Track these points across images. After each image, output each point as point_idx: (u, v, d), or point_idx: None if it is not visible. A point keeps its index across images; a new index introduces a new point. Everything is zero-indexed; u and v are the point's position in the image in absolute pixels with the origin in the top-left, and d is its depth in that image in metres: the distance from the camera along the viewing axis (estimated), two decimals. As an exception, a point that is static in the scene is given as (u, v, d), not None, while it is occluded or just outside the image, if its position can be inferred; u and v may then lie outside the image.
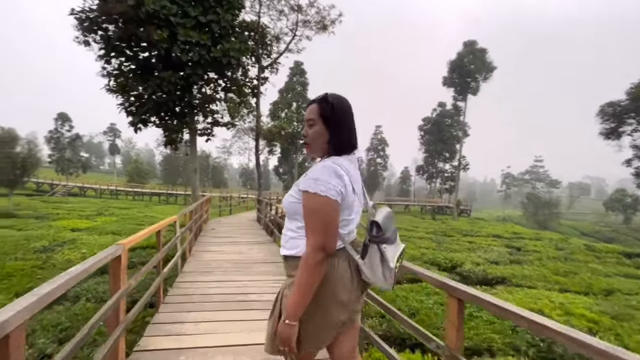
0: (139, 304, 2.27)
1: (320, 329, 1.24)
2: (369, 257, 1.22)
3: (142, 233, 2.39)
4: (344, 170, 1.19)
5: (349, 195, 1.20)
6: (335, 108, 1.25)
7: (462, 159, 29.77)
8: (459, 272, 9.48)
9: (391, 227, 1.28)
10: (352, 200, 1.22)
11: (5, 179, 15.14)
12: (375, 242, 1.21)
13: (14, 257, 8.31)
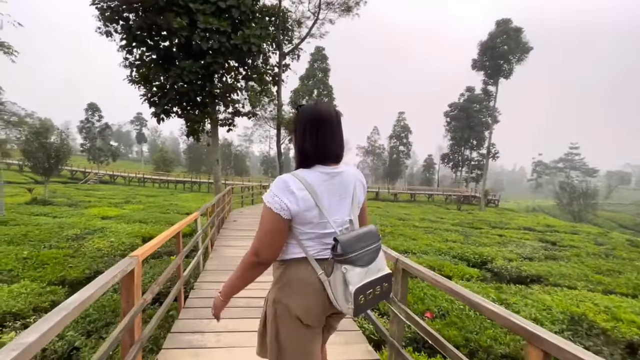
0: (156, 318, 2.09)
1: (293, 330, 1.27)
2: (333, 275, 1.17)
3: (158, 240, 2.19)
4: (303, 185, 1.18)
5: (305, 211, 1.18)
6: (300, 117, 1.28)
7: (491, 147, 28.18)
8: (490, 269, 8.96)
9: (360, 249, 1.19)
10: (313, 215, 1.20)
11: (41, 167, 15.85)
12: (337, 262, 1.16)
13: (49, 245, 8.65)
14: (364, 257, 1.19)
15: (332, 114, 1.28)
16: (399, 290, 2.02)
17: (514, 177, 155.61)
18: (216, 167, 9.80)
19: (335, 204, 1.25)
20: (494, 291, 6.81)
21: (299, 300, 1.23)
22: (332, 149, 1.27)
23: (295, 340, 1.27)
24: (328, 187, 1.23)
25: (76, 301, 1.23)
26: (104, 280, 1.48)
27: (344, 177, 1.28)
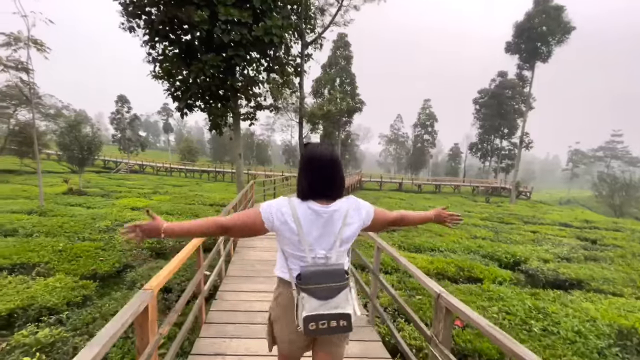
0: (173, 349, 1.96)
1: (279, 335, 1.51)
2: (300, 297, 1.33)
3: (176, 263, 2.04)
4: (289, 209, 1.38)
5: (287, 232, 1.37)
6: (302, 156, 1.47)
7: (524, 136, 26.46)
8: (523, 271, 8.44)
9: (321, 283, 1.32)
10: (294, 240, 1.38)
11: (75, 159, 16.60)
12: (298, 288, 1.33)
13: (82, 237, 9.02)
14: (322, 292, 1.31)
15: (328, 158, 1.42)
16: (440, 331, 1.77)
17: (547, 166, 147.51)
18: (238, 162, 9.76)
19: (316, 238, 1.39)
20: (530, 298, 6.38)
21: (279, 310, 1.48)
22: (321, 190, 1.41)
23: (281, 342, 1.52)
24: (313, 223, 1.38)
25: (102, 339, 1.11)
26: (121, 320, 1.33)
27: (333, 216, 1.40)
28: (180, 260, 2.07)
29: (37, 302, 5.17)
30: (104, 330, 1.25)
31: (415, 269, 2.04)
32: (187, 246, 2.44)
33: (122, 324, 1.34)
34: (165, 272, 1.85)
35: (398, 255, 2.36)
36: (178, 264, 2.04)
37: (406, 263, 2.20)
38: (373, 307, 2.86)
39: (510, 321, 5.28)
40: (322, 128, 22.17)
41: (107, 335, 1.23)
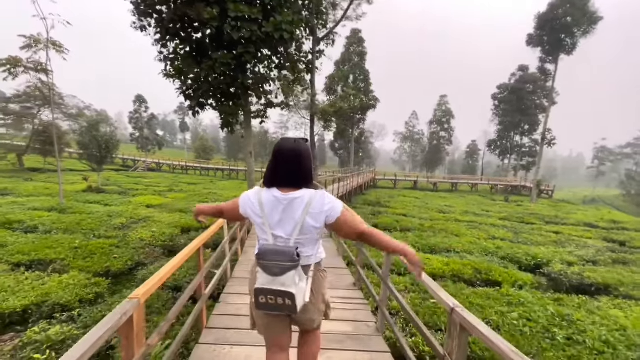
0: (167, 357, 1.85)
1: (254, 314, 1.73)
2: (256, 270, 1.59)
3: (170, 267, 1.93)
4: (257, 197, 1.62)
5: (249, 213, 1.65)
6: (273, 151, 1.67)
7: (547, 132, 25.33)
8: (545, 274, 8.01)
9: (271, 260, 1.50)
10: (259, 222, 1.61)
11: (94, 157, 17.05)
12: (257, 261, 1.58)
13: (98, 234, 9.20)
14: (272, 268, 1.49)
15: (291, 152, 1.57)
16: (454, 350, 1.57)
17: (570, 164, 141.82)
18: (249, 160, 9.70)
19: (277, 221, 1.56)
20: (553, 303, 6.02)
21: (249, 284, 1.70)
22: (284, 179, 1.57)
23: (258, 326, 1.77)
24: (275, 208, 1.56)
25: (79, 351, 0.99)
26: (100, 331, 1.21)
27: (293, 203, 1.55)
28: (174, 266, 1.95)
29: (51, 299, 5.25)
30: (73, 350, 1.13)
31: (427, 279, 1.85)
32: (186, 249, 2.33)
33: (98, 339, 1.22)
34: (155, 279, 1.74)
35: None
36: (172, 270, 1.92)
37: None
38: (382, 314, 2.68)
39: (531, 328, 4.99)
40: (335, 125, 21.84)
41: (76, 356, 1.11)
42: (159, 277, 1.77)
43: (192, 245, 2.42)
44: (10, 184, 18.78)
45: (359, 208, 16.17)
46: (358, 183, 21.78)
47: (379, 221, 12.47)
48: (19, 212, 11.19)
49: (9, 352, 4.20)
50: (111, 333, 1.31)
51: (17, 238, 8.37)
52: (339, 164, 47.26)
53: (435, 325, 4.97)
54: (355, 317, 2.92)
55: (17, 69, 11.52)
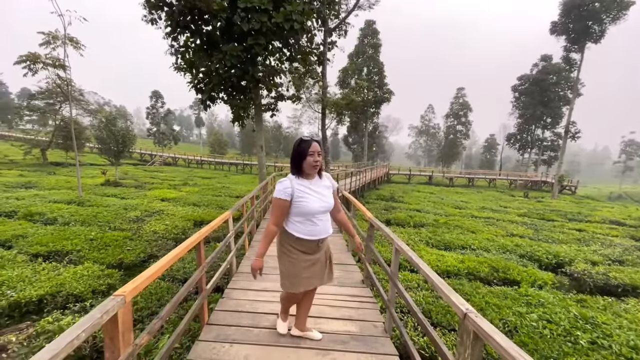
0: (160, 356, 1.77)
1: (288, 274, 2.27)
2: None
3: (162, 265, 1.84)
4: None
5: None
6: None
7: (571, 125, 24.10)
8: (567, 273, 7.62)
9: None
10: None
11: (111, 152, 17.45)
12: None
13: (113, 227, 9.40)
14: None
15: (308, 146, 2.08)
16: (466, 359, 1.41)
17: (595, 158, 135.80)
18: (260, 154, 9.63)
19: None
20: (576, 305, 5.69)
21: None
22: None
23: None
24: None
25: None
26: (77, 331, 1.12)
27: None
28: (167, 262, 1.86)
29: (65, 289, 5.36)
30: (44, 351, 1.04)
31: (437, 279, 1.68)
32: (182, 245, 2.24)
33: (73, 339, 1.12)
34: (145, 275, 1.64)
35: (419, 261, 2.00)
36: (164, 266, 1.82)
37: (428, 272, 1.84)
38: (390, 314, 2.52)
39: (552, 331, 4.72)
40: (348, 119, 21.38)
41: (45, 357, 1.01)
42: (149, 273, 1.68)
43: (189, 240, 2.33)
44: (34, 177, 19.53)
45: (372, 203, 15.93)
46: (371, 177, 21.48)
47: (392, 216, 12.22)
48: (40, 205, 11.58)
49: (24, 339, 4.29)
50: (89, 333, 1.21)
51: (37, 229, 8.65)
52: (353, 158, 46.87)
53: (449, 325, 4.78)
54: (362, 317, 2.79)
55: (37, 65, 11.82)
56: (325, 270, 2.25)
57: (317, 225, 2.10)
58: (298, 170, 2.10)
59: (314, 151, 2.05)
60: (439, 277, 1.68)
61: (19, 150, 27.66)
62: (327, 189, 2.19)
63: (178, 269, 6.15)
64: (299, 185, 2.09)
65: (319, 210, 2.09)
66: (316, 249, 2.17)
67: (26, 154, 26.47)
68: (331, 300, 3.12)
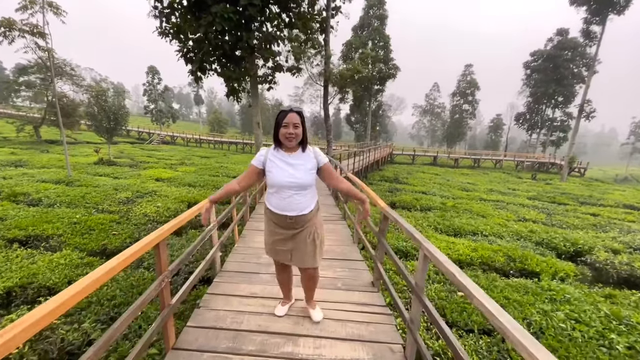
0: None
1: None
2: None
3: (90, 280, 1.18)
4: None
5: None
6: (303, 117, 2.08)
7: (586, 104, 22.86)
8: (588, 263, 7.03)
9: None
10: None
11: (104, 128, 16.66)
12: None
13: (101, 209, 8.81)
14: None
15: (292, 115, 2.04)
16: None
17: (601, 139, 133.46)
18: (257, 131, 8.85)
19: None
20: (604, 301, 5.12)
21: None
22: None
23: None
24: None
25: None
26: None
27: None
28: (75, 293, 1.18)
29: (38, 280, 4.82)
30: None
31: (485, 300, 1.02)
32: (127, 251, 1.57)
33: None
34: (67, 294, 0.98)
35: (463, 279, 1.33)
36: (70, 301, 1.15)
37: (479, 296, 1.18)
38: (413, 339, 1.89)
39: (582, 333, 4.15)
40: (352, 93, 19.98)
41: None
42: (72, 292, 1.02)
43: (146, 239, 1.66)
44: (26, 155, 18.86)
45: (375, 184, 15.27)
46: (375, 158, 20.70)
47: (397, 199, 11.59)
48: (26, 184, 10.98)
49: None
50: None
51: (19, 211, 8.08)
52: (355, 138, 45.75)
53: (466, 326, 4.22)
54: (375, 335, 2.17)
55: (12, 32, 10.82)
56: (306, 252, 2.14)
57: (284, 200, 2.04)
58: (275, 141, 2.08)
59: (289, 122, 1.97)
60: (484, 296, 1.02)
61: (13, 127, 26.84)
62: (306, 164, 2.05)
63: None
64: (273, 156, 2.08)
65: (284, 184, 2.02)
66: (288, 225, 2.09)
67: (19, 131, 25.66)
68: (335, 310, 2.50)
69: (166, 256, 1.91)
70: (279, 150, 2.07)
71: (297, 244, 2.11)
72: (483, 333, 4.11)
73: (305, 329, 2.27)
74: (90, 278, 1.24)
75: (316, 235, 2.14)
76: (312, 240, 2.12)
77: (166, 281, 1.90)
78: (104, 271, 1.31)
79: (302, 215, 2.06)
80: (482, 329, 4.14)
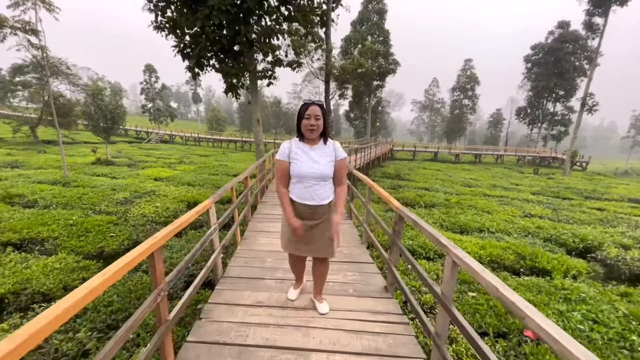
0: None
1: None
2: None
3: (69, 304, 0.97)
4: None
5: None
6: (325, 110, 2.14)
7: (588, 97, 22.59)
8: (599, 260, 6.85)
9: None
10: None
11: (100, 128, 16.39)
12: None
13: (98, 210, 8.60)
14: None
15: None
16: None
17: (601, 133, 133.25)
18: (257, 128, 8.62)
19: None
20: (621, 300, 4.94)
21: None
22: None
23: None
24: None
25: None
26: None
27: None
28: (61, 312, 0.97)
29: (32, 286, 4.62)
30: None
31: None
32: (129, 255, 1.37)
33: None
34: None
35: (511, 295, 1.13)
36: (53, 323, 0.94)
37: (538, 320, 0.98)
38: (441, 357, 1.69)
39: (601, 334, 3.97)
40: (352, 88, 19.57)
41: None
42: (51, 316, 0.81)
43: (131, 255, 1.45)
44: (23, 156, 18.60)
45: (377, 181, 15.06)
46: (376, 154, 20.47)
47: (400, 196, 11.39)
48: (21, 186, 10.76)
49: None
50: None
51: (14, 213, 7.86)
52: (354, 134, 45.44)
53: (479, 328, 4.04)
54: (394, 349, 1.95)
55: (3, 29, 10.53)
56: (322, 243, 2.22)
57: (305, 190, 2.12)
58: (299, 133, 2.15)
59: (311, 114, 2.04)
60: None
61: (9, 127, 26.52)
62: (326, 156, 2.14)
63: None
64: (297, 147, 2.14)
65: (307, 174, 2.09)
66: (308, 216, 2.16)
67: (15, 131, 25.35)
68: (348, 320, 2.29)
69: (162, 266, 1.70)
70: (302, 143, 2.15)
71: (313, 235, 2.19)
72: (498, 336, 3.93)
73: (318, 342, 2.07)
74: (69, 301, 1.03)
75: (333, 227, 2.18)
76: (330, 230, 2.19)
77: (163, 295, 1.69)
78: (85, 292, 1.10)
79: (321, 206, 2.14)
80: (496, 332, 3.96)
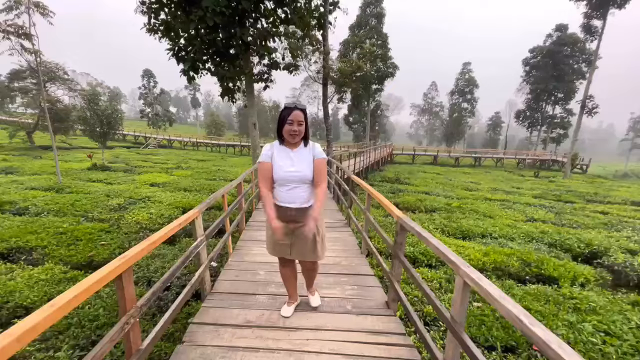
0: None
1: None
2: None
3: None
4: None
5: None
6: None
7: (588, 100, 22.52)
8: (605, 265, 6.62)
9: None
10: None
11: (97, 133, 16.21)
12: None
13: (91, 217, 8.37)
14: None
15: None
16: None
17: (599, 135, 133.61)
18: (253, 132, 8.43)
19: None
20: (633, 309, 4.71)
21: None
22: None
23: None
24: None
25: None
26: None
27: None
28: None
29: (14, 299, 4.38)
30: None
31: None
32: (88, 279, 1.16)
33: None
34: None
35: (538, 329, 0.93)
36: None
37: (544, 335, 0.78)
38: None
39: (615, 347, 3.75)
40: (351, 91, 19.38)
41: None
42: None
43: (92, 279, 1.24)
44: (18, 162, 18.36)
45: (377, 185, 14.86)
46: (375, 158, 20.30)
47: (400, 200, 11.18)
48: (14, 192, 10.53)
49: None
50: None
51: (3, 221, 7.63)
52: (354, 138, 45.34)
53: (486, 342, 3.82)
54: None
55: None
56: (306, 246, 2.19)
57: (286, 193, 2.10)
58: (279, 137, 2.12)
59: (293, 120, 2.00)
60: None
61: (6, 133, 26.36)
62: (307, 159, 2.12)
63: (142, 265, 5.11)
64: (279, 150, 2.13)
65: (289, 178, 2.08)
66: (289, 218, 2.13)
67: (11, 137, 25.16)
68: (345, 342, 2.06)
69: (132, 289, 1.49)
70: (283, 146, 2.13)
71: (297, 238, 2.16)
72: (506, 350, 3.72)
73: (312, 372, 1.85)
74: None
75: (317, 231, 2.16)
76: (315, 234, 2.15)
77: (133, 321, 1.48)
78: (22, 331, 0.89)
79: (303, 208, 2.11)
80: (504, 345, 3.75)
